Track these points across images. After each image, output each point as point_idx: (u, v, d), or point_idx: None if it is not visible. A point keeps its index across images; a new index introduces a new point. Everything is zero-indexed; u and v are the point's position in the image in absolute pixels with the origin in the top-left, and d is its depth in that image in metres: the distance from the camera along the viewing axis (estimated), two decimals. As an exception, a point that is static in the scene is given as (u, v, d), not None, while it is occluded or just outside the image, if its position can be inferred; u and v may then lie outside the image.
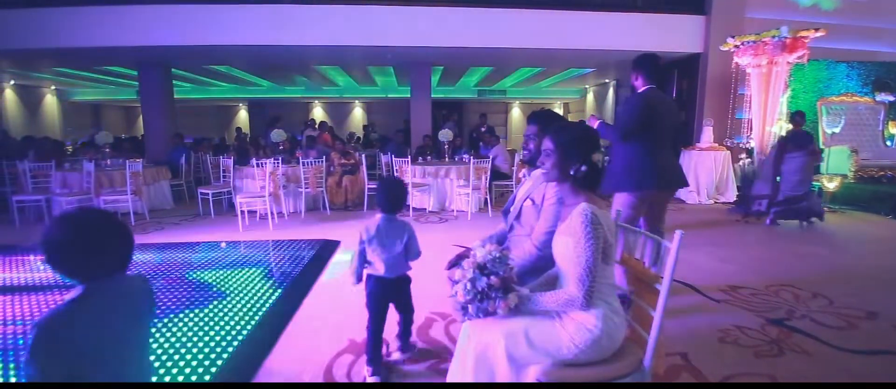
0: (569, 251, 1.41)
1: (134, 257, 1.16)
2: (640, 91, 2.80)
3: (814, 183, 5.78)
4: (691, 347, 2.37)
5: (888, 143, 7.38)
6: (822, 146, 7.19)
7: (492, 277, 1.42)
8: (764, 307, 2.92)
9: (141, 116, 11.69)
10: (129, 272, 1.18)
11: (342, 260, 4.04)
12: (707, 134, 7.31)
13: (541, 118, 1.93)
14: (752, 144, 6.48)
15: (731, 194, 7.06)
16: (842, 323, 2.69)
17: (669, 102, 2.99)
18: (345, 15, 7.02)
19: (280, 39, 7.08)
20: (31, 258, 4.22)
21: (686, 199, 7.18)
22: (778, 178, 5.36)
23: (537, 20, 7.36)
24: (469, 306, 1.45)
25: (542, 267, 1.70)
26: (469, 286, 1.43)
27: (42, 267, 0.88)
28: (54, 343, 0.97)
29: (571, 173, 1.48)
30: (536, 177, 1.93)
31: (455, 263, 2.06)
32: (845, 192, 6.45)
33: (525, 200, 1.89)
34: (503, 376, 1.45)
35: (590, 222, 1.36)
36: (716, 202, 7.06)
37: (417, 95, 9.35)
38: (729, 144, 7.17)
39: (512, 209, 2.00)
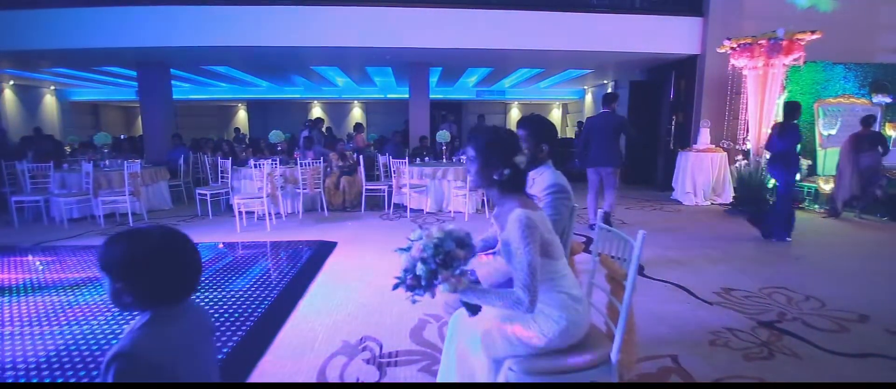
0: (512, 257, 1.41)
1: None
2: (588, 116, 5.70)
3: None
4: (682, 349, 2.39)
5: (885, 145, 7.38)
6: (817, 148, 7.21)
7: (460, 249, 1.33)
8: (756, 310, 2.94)
9: (140, 117, 11.71)
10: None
11: (338, 261, 4.07)
12: (704, 135, 7.33)
13: (530, 123, 1.95)
14: (749, 145, 6.50)
15: (728, 196, 7.07)
16: (833, 326, 2.71)
17: (608, 118, 5.22)
18: (343, 16, 7.04)
19: (279, 40, 7.10)
20: (30, 258, 4.24)
21: (683, 201, 7.21)
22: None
23: (536, 21, 7.38)
24: (417, 265, 1.31)
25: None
26: (433, 241, 1.30)
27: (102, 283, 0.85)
28: (138, 371, 0.91)
29: (495, 177, 1.47)
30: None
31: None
32: (842, 194, 6.45)
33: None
34: (482, 373, 1.51)
35: (525, 227, 1.36)
36: (712, 204, 7.08)
37: (416, 95, 9.36)
38: (726, 146, 7.19)
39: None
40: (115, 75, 10.78)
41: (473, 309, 1.51)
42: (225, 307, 3.02)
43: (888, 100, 7.17)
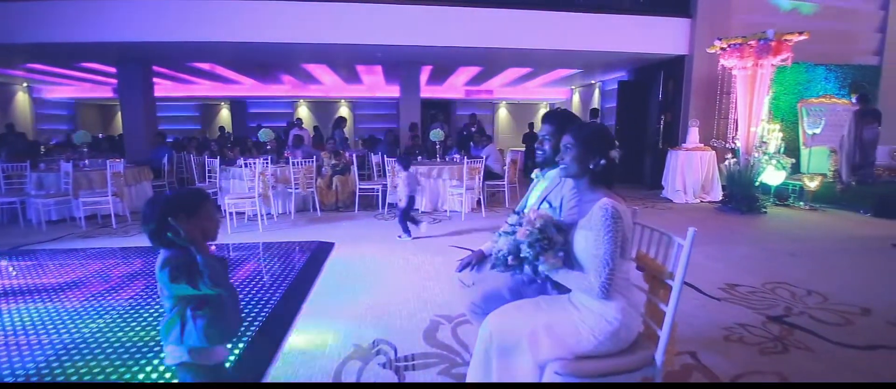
0: (589, 245, 1.45)
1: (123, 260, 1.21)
2: None
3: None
4: (699, 346, 2.38)
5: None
6: (802, 146, 7.41)
7: (559, 234, 1.49)
8: (763, 305, 2.97)
9: (118, 115, 11.30)
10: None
11: (339, 262, 3.97)
12: (693, 134, 7.45)
13: (557, 118, 1.91)
14: (738, 144, 6.62)
15: (717, 194, 7.20)
16: (839, 320, 2.75)
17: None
18: (332, 12, 6.90)
19: (265, 36, 6.92)
20: (4, 263, 4.02)
21: (673, 198, 7.31)
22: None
23: (526, 20, 7.39)
24: (522, 247, 1.46)
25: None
26: (536, 231, 1.46)
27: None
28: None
29: (591, 167, 1.52)
30: (551, 178, 1.91)
31: (469, 264, 2.02)
32: (825, 191, 6.64)
33: (541, 202, 1.86)
34: (525, 376, 1.46)
35: (611, 216, 1.41)
36: (702, 202, 7.20)
37: (406, 94, 9.28)
38: (715, 145, 7.32)
39: (527, 212, 1.97)
40: (93, 72, 10.37)
41: (561, 287, 1.63)
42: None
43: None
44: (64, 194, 5.49)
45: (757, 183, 6.51)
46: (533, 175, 2.09)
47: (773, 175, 6.69)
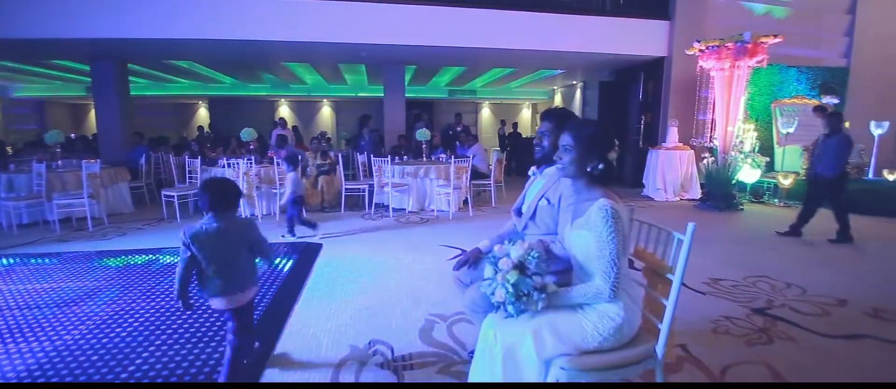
0: (589, 246, 1.46)
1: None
2: None
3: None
4: (687, 338, 2.45)
5: (834, 142, 7.92)
6: (775, 146, 7.68)
7: (536, 278, 1.43)
8: (746, 298, 3.07)
9: (89, 114, 10.90)
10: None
11: (327, 264, 3.93)
12: (672, 134, 7.64)
13: (556, 115, 1.93)
14: (716, 143, 6.82)
15: (696, 192, 7.40)
16: (818, 311, 2.87)
17: None
18: (315, 9, 6.81)
19: (247, 33, 6.78)
20: None
21: (654, 197, 7.48)
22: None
23: (510, 21, 7.44)
24: (508, 306, 1.44)
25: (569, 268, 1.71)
26: (510, 289, 1.42)
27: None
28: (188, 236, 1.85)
29: (588, 169, 1.52)
30: (549, 175, 1.93)
31: (466, 262, 2.03)
32: (799, 188, 6.89)
33: (540, 199, 1.89)
34: (531, 374, 1.47)
35: (611, 217, 1.41)
36: (681, 199, 7.39)
37: (391, 94, 9.24)
38: (693, 144, 7.52)
39: (524, 209, 1.99)
40: (65, 70, 9.98)
41: (562, 284, 1.62)
42: (214, 316, 2.82)
43: (836, 101, 7.71)
44: (36, 196, 5.27)
45: (734, 181, 6.72)
46: (530, 172, 2.11)
47: (748, 173, 6.92)
